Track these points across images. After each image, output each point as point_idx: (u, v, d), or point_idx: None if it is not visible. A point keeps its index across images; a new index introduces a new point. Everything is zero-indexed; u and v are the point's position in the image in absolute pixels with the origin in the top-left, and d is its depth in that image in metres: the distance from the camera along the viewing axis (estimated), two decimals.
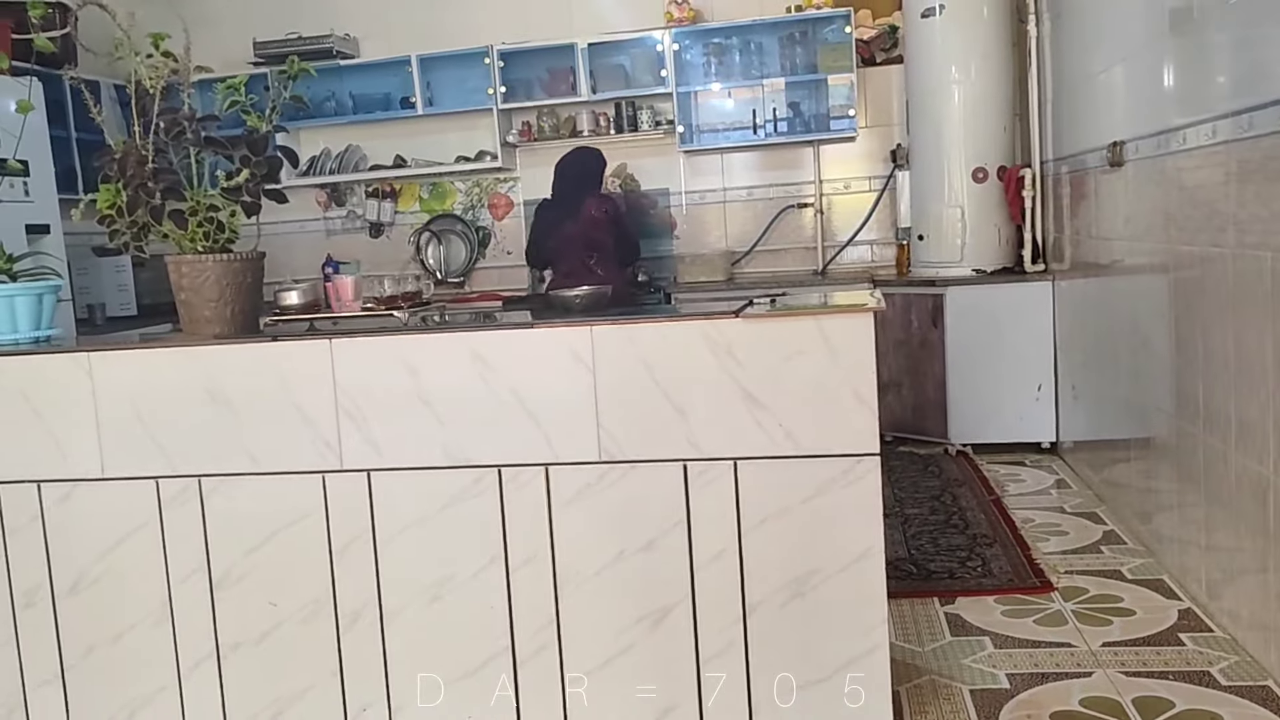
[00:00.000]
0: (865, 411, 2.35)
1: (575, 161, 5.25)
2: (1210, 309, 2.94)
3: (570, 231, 5.07)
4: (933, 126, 5.30)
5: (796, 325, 2.37)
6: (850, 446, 2.37)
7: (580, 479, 2.48)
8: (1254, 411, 2.66)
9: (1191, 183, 3.07)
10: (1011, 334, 5.10)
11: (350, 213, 6.33)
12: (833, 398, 2.36)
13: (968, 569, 3.55)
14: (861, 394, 2.35)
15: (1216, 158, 2.85)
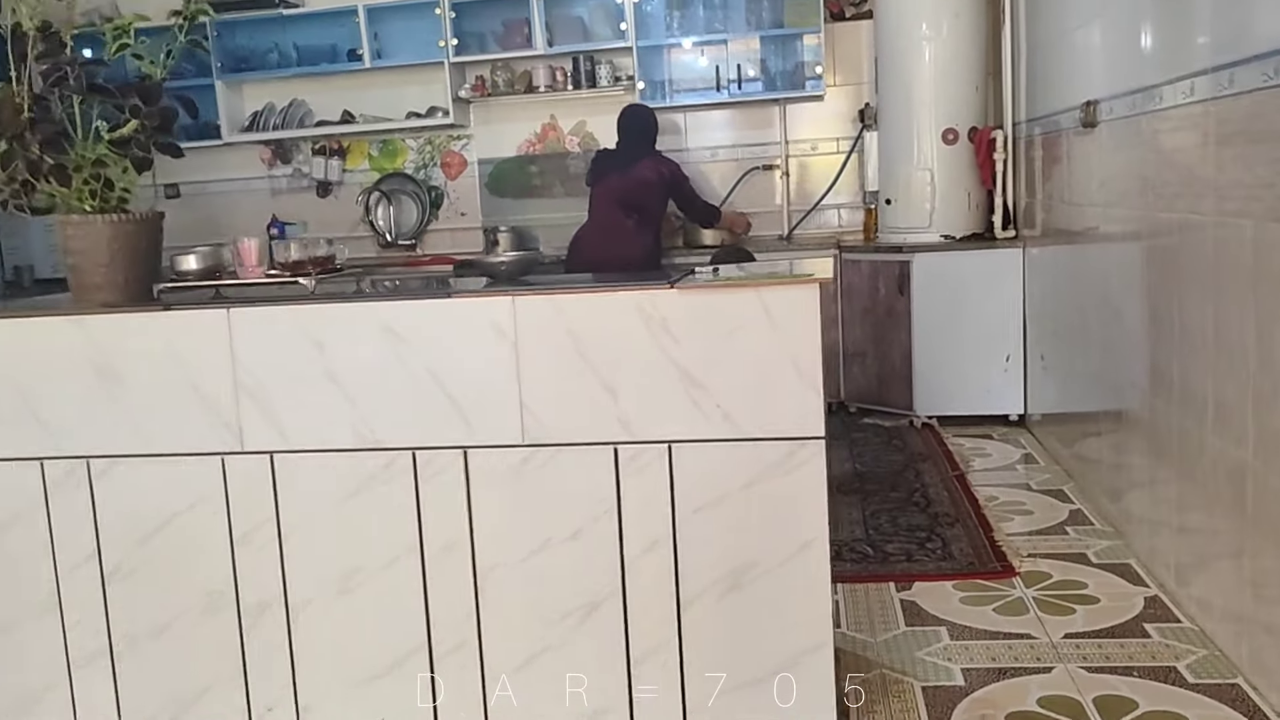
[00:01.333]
0: (809, 391, 2.16)
1: (634, 116, 5.13)
2: (1187, 281, 2.76)
3: (615, 184, 4.95)
4: (902, 85, 5.08)
5: (736, 298, 2.16)
6: (793, 429, 2.18)
7: (502, 463, 2.28)
8: (1232, 392, 2.49)
9: (1168, 145, 2.88)
10: (980, 303, 4.92)
11: (296, 171, 6.05)
12: (775, 376, 2.17)
13: (927, 551, 3.38)
14: (806, 372, 2.15)
15: (1195, 117, 2.66)
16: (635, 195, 4.94)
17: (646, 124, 5.11)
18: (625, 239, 4.89)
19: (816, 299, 2.14)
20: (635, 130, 5.08)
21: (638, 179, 4.94)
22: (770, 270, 2.32)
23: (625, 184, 4.95)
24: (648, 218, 4.98)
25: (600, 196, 5.03)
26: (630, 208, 4.94)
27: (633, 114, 5.13)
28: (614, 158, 5.09)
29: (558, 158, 5.86)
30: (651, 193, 4.96)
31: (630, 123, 5.10)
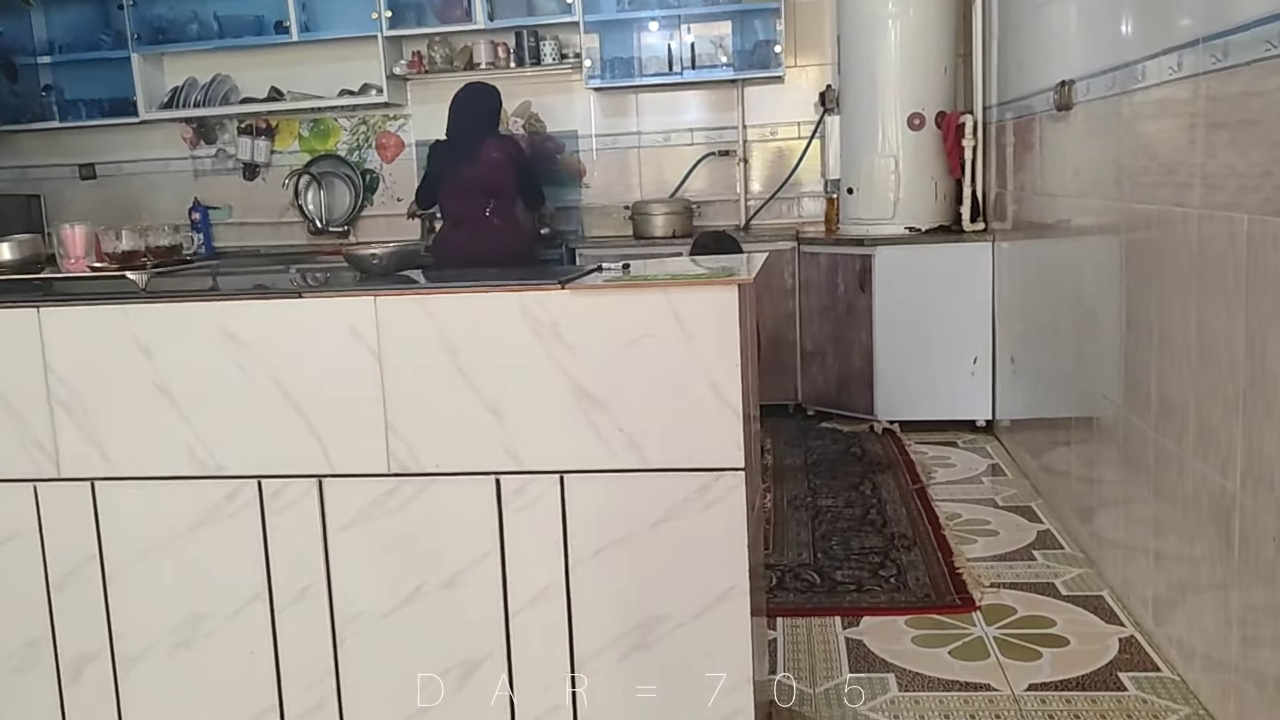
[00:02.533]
0: (727, 414, 1.81)
1: (469, 97, 4.62)
2: (1168, 281, 2.43)
3: (464, 175, 4.48)
4: (866, 66, 4.73)
5: (640, 301, 1.81)
6: (709, 458, 1.83)
7: (364, 495, 1.92)
8: (1218, 411, 2.16)
9: (1150, 128, 2.54)
10: (946, 300, 4.59)
11: (220, 151, 5.64)
12: (687, 395, 1.81)
13: (879, 579, 3.05)
14: (724, 391, 1.80)
15: (1181, 96, 2.32)
16: (490, 182, 4.46)
17: (484, 103, 4.63)
18: (491, 233, 4.45)
19: (735, 304, 1.79)
20: (472, 113, 4.59)
21: (487, 162, 4.45)
22: (686, 269, 1.95)
23: (477, 171, 4.45)
24: (507, 204, 4.52)
25: (451, 192, 4.52)
26: (487, 196, 4.47)
27: (468, 93, 4.64)
28: (454, 148, 4.54)
29: None
30: (505, 176, 4.48)
31: (466, 104, 4.60)
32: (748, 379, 1.92)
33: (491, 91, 4.67)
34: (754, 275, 1.86)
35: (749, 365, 2.00)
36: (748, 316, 1.96)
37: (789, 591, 3.00)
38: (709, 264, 2.04)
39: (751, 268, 1.94)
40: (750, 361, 2.06)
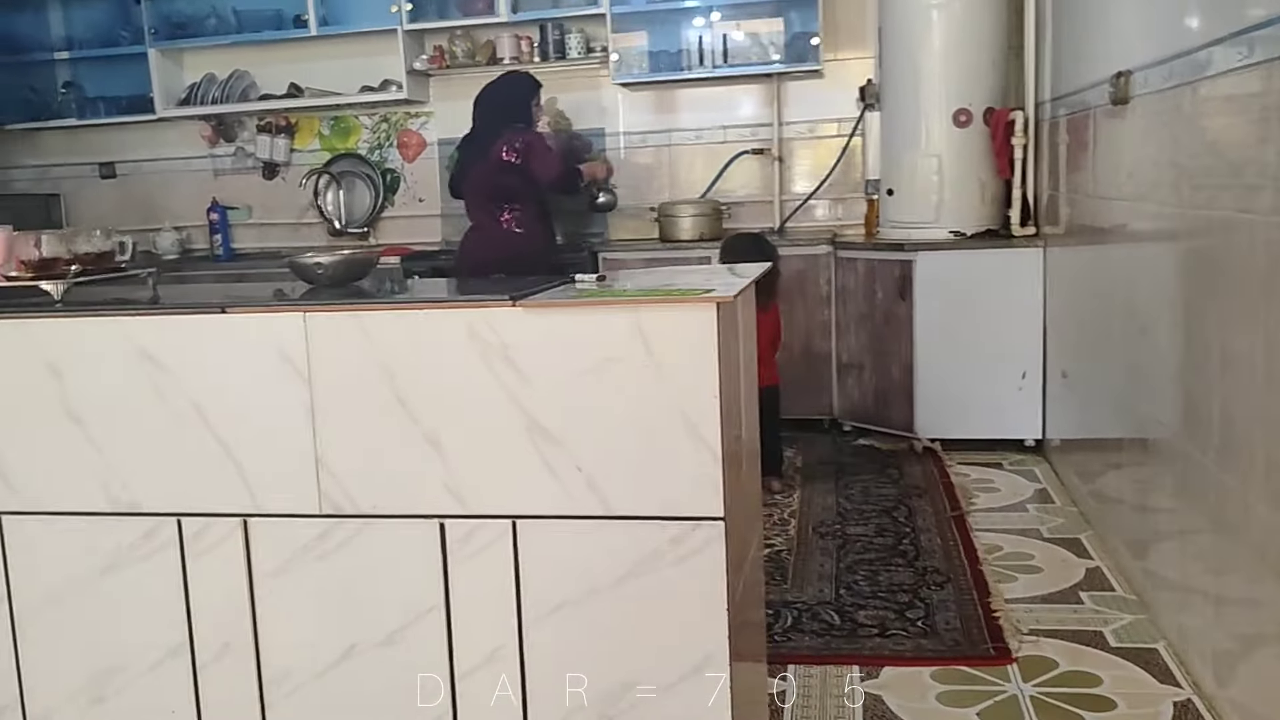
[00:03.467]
0: (703, 454, 1.54)
1: (491, 89, 4.39)
2: (1232, 296, 2.11)
3: (477, 175, 4.27)
4: (908, 58, 4.42)
5: (602, 321, 1.56)
6: (681, 506, 1.57)
7: (293, 539, 1.69)
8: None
9: (1214, 123, 2.23)
10: (993, 310, 4.27)
11: (239, 150, 5.49)
12: (656, 432, 1.56)
13: (906, 622, 2.76)
14: (699, 427, 1.54)
15: (1251, 85, 2.01)
16: (501, 184, 4.19)
17: (504, 95, 4.33)
18: (500, 238, 4.21)
19: (713, 325, 1.52)
20: (491, 106, 4.32)
21: (496, 163, 4.18)
22: (665, 284, 1.69)
23: (487, 171, 4.21)
24: (523, 206, 4.24)
25: (469, 192, 4.31)
26: (499, 199, 4.22)
27: (492, 85, 4.38)
28: (472, 144, 4.32)
29: None
30: (517, 176, 4.19)
31: (487, 97, 4.34)
32: (734, 412, 1.65)
33: (517, 82, 4.40)
34: (739, 292, 1.59)
35: (740, 395, 1.73)
36: (737, 338, 1.70)
37: (805, 634, 2.72)
38: (691, 278, 1.78)
39: (738, 282, 1.67)
40: (744, 390, 1.80)
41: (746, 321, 1.82)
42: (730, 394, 1.60)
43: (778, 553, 3.31)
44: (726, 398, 1.56)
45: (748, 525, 1.75)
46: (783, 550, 3.33)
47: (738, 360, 1.69)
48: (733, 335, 1.63)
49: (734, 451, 1.62)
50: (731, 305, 1.57)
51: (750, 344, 1.88)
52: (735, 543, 1.61)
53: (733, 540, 1.59)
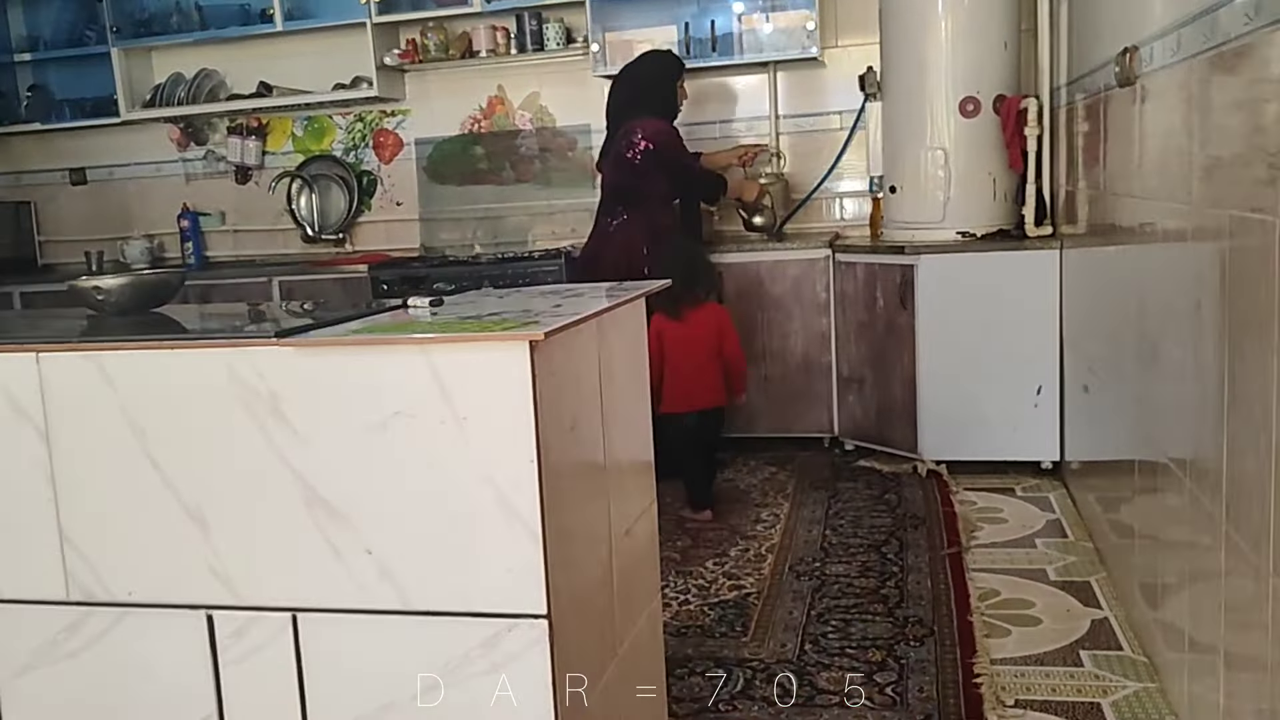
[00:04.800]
0: (519, 534, 1.19)
1: (630, 70, 4.12)
2: (1250, 315, 1.71)
3: (606, 171, 4.08)
4: (910, 42, 4.03)
5: (387, 364, 1.21)
6: (494, 600, 1.23)
7: (38, 630, 1.37)
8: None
9: (1226, 98, 1.82)
10: (1005, 318, 3.86)
11: (210, 153, 5.23)
12: (460, 505, 1.21)
13: (873, 687, 2.38)
14: (512, 501, 1.19)
15: (1266, 52, 1.60)
16: (619, 183, 3.95)
17: (640, 76, 4.03)
18: (603, 240, 3.97)
19: (527, 370, 1.17)
20: (624, 89, 4.07)
21: (616, 159, 3.95)
22: (494, 313, 1.35)
23: (609, 167, 4.02)
24: (642, 208, 3.93)
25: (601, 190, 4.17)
26: (615, 199, 3.97)
27: (624, 71, 4.14)
28: (607, 131, 4.14)
29: (507, 137, 4.92)
30: (634, 175, 3.90)
31: (621, 78, 4.11)
32: (570, 478, 1.30)
33: (655, 61, 4.10)
34: (565, 325, 1.23)
35: (588, 454, 1.38)
36: (578, 382, 1.35)
37: (752, 701, 2.35)
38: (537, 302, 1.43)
39: (586, 307, 1.32)
40: (605, 444, 1.44)
41: (613, 355, 1.46)
42: (562, 456, 1.24)
43: (745, 596, 2.94)
44: (553, 462, 1.21)
45: (602, 620, 1.40)
46: (751, 593, 2.96)
47: (578, 411, 1.33)
48: (568, 380, 1.28)
49: (568, 527, 1.27)
50: (553, 343, 1.21)
51: (626, 384, 1.53)
52: (571, 645, 1.26)
53: (565, 642, 1.24)
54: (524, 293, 1.63)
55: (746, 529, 3.50)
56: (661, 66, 4.06)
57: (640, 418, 1.62)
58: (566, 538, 1.26)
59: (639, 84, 4.02)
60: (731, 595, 2.96)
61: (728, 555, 3.27)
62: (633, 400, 1.57)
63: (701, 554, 3.29)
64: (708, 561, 3.22)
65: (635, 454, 1.59)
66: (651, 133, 3.88)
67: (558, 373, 1.25)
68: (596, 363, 1.40)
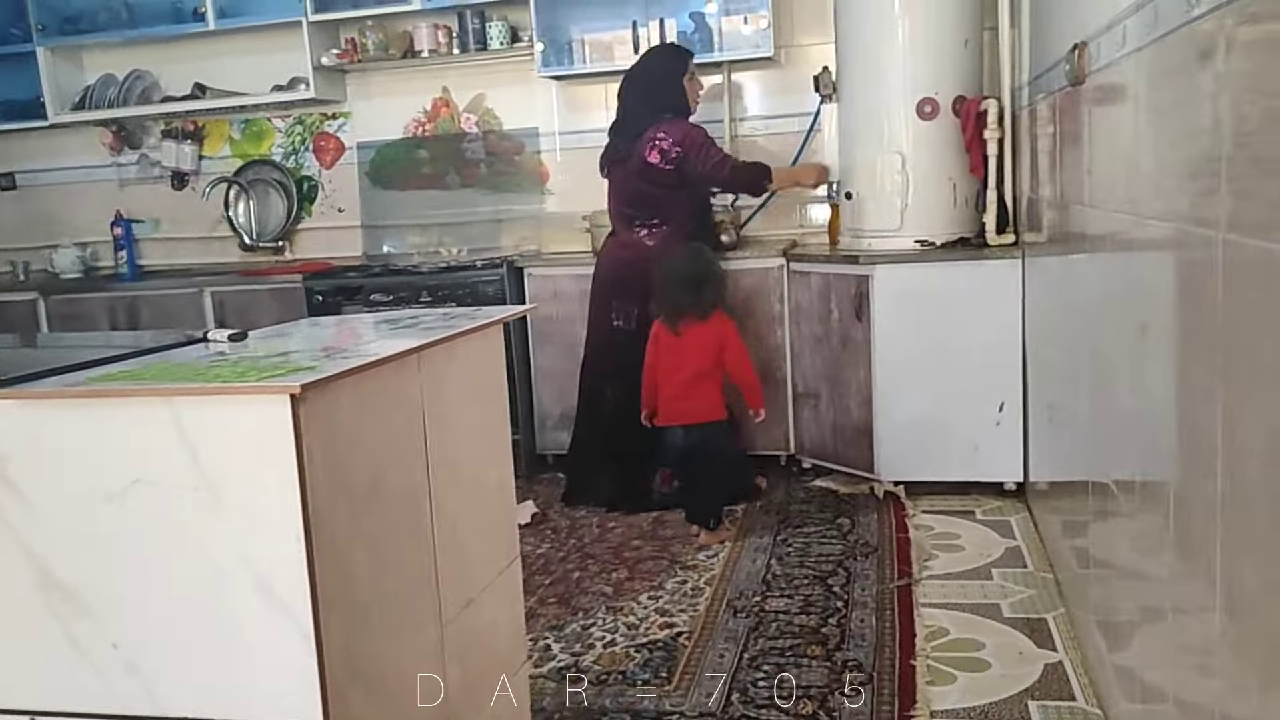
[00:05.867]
0: (286, 627, 0.98)
1: (638, 70, 3.88)
2: (1193, 341, 1.50)
3: (618, 178, 3.82)
4: (865, 40, 3.83)
5: (124, 421, 0.99)
6: (260, 704, 1.01)
7: None
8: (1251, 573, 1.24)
9: (1168, 96, 1.61)
10: (966, 331, 3.65)
11: (143, 158, 5.00)
12: (218, 591, 0.99)
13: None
14: (274, 587, 0.98)
15: (1212, 40, 1.39)
16: (642, 191, 3.73)
17: (649, 75, 3.79)
18: (632, 252, 3.75)
19: (288, 429, 0.96)
20: (634, 89, 3.82)
21: (639, 166, 3.71)
22: (281, 353, 1.13)
23: (628, 174, 3.76)
24: (675, 217, 3.76)
25: (609, 194, 3.92)
26: (639, 208, 3.76)
27: (634, 66, 3.88)
28: (615, 136, 3.87)
29: (452, 140, 4.71)
30: (658, 186, 3.71)
31: (630, 78, 3.86)
32: (359, 558, 1.08)
33: (662, 56, 3.88)
34: (334, 375, 1.02)
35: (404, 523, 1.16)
36: (386, 430, 1.13)
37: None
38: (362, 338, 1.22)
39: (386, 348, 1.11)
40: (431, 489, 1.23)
41: (447, 394, 1.25)
42: (354, 527, 1.03)
43: (676, 636, 2.73)
44: (337, 537, 1.00)
45: (425, 716, 1.18)
46: (682, 633, 2.75)
47: (384, 468, 1.12)
48: (366, 432, 1.06)
49: (362, 613, 1.05)
50: (337, 390, 1.00)
51: (471, 424, 1.31)
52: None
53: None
54: (368, 321, 1.42)
55: (688, 558, 3.29)
56: (668, 61, 3.84)
57: (497, 460, 1.40)
58: (360, 626, 1.05)
59: (648, 84, 3.80)
60: (662, 635, 2.74)
61: (663, 589, 3.06)
62: (483, 442, 1.36)
63: (636, 587, 3.08)
64: (641, 596, 3.01)
65: (486, 506, 1.38)
66: (680, 136, 3.69)
67: (345, 426, 1.03)
68: (419, 405, 1.18)
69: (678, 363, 3.47)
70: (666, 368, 3.50)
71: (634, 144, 3.72)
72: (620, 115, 3.87)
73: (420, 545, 1.21)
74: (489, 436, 1.39)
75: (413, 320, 1.39)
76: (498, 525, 1.41)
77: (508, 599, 1.45)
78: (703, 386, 3.47)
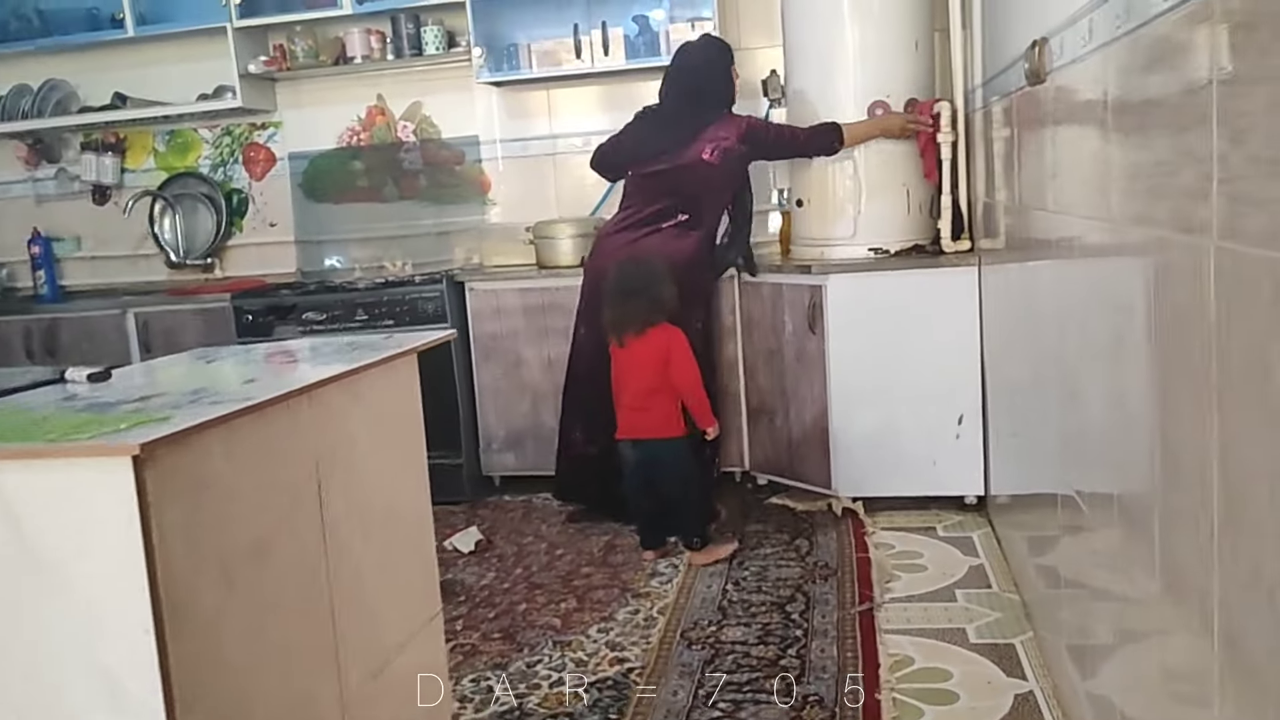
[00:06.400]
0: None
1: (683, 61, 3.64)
2: (1180, 352, 1.37)
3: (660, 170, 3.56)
4: (813, 42, 3.71)
5: None
6: None
7: None
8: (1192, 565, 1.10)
9: (1145, 93, 1.49)
10: (922, 342, 3.54)
11: (62, 172, 4.76)
12: (61, 693, 0.81)
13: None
14: (123, 683, 0.80)
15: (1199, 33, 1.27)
16: (685, 184, 3.55)
17: (698, 67, 3.58)
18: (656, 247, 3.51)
19: (130, 496, 0.79)
20: (682, 86, 3.60)
21: (692, 162, 3.53)
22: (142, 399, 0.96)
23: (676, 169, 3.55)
24: (706, 216, 3.62)
25: (635, 182, 3.66)
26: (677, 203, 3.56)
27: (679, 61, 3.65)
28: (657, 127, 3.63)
29: (389, 150, 4.52)
30: (704, 182, 3.56)
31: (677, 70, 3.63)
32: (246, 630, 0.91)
33: (711, 48, 3.67)
34: (185, 429, 0.85)
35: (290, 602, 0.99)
36: (270, 485, 0.96)
37: None
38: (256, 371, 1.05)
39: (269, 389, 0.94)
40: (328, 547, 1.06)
41: (352, 434, 1.08)
42: (227, 603, 0.86)
43: (627, 672, 2.57)
44: (203, 616, 0.82)
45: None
46: (634, 668, 2.59)
47: (271, 529, 0.95)
48: (244, 490, 0.89)
49: (240, 701, 0.88)
50: (199, 445, 0.83)
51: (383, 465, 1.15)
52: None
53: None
54: (260, 354, 1.24)
55: (640, 585, 3.13)
56: (719, 55, 3.64)
57: (414, 504, 1.24)
58: (238, 716, 0.88)
59: (696, 79, 3.59)
60: (612, 671, 2.58)
61: (614, 619, 2.90)
62: (396, 485, 1.19)
63: (585, 618, 2.91)
64: (591, 628, 2.85)
65: (401, 557, 1.21)
66: (740, 129, 3.55)
67: (215, 484, 0.87)
68: (311, 452, 1.01)
69: (626, 377, 3.32)
70: (618, 383, 3.35)
71: (688, 145, 3.53)
72: (666, 106, 3.63)
73: (315, 614, 1.04)
74: (404, 478, 1.22)
75: (312, 351, 1.22)
76: (415, 578, 1.24)
77: (428, 657, 1.28)
78: (657, 399, 3.30)
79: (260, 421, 0.93)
